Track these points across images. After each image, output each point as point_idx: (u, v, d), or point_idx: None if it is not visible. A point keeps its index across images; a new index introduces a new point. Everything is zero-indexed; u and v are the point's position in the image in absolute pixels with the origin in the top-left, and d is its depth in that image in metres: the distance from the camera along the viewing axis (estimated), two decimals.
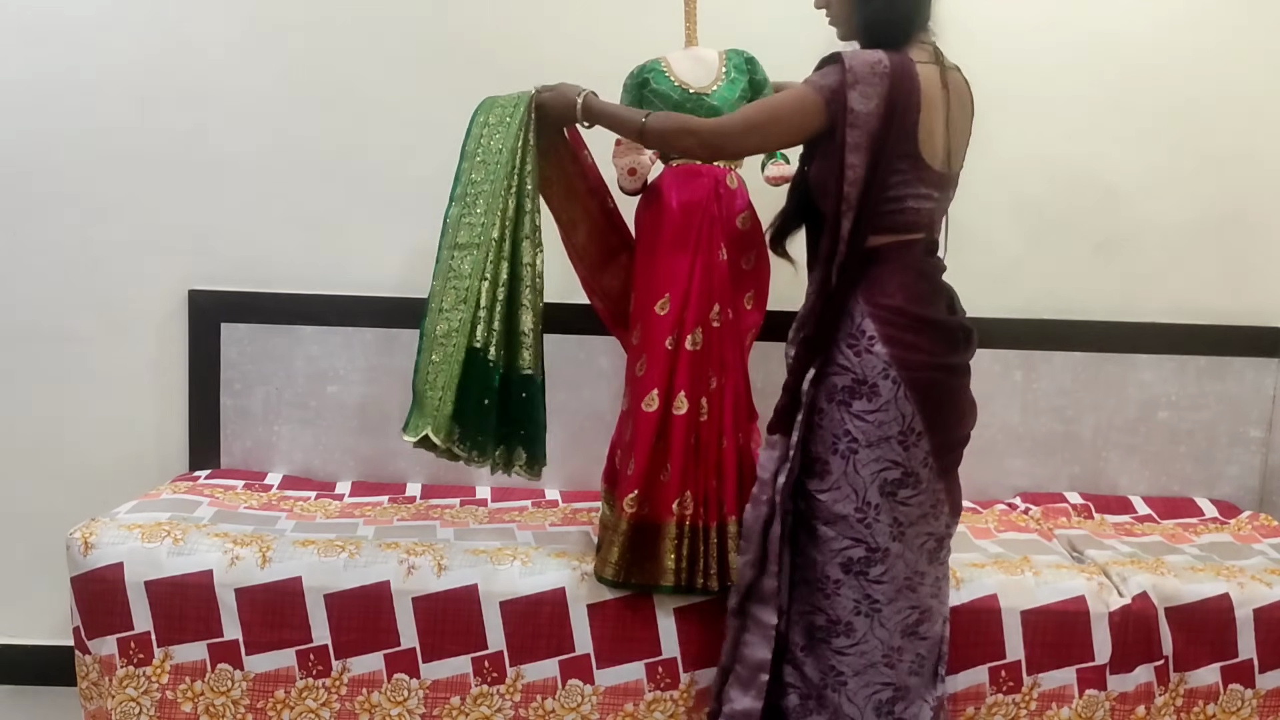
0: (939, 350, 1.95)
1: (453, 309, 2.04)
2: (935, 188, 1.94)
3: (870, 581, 1.94)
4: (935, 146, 1.91)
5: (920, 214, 1.94)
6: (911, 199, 1.92)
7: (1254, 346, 2.79)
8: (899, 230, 1.93)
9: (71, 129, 2.68)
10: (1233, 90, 2.75)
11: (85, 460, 2.76)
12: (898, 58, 1.88)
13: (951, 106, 1.93)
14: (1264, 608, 2.19)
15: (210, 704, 2.13)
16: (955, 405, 2.00)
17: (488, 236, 2.04)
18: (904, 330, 1.92)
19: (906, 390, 1.90)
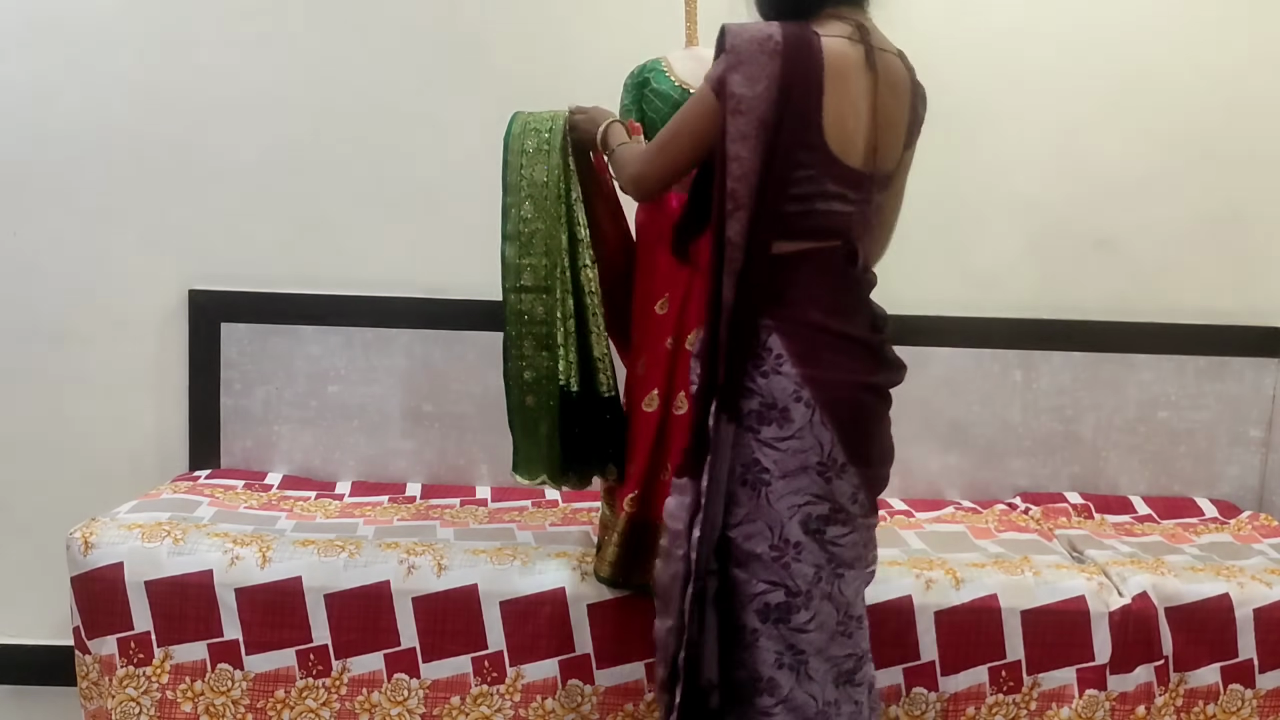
0: (860, 370, 1.71)
1: (535, 354, 2.05)
2: (852, 188, 1.67)
3: (793, 630, 1.66)
4: (850, 139, 1.64)
5: (834, 217, 1.67)
6: (820, 199, 1.65)
7: (1254, 346, 2.79)
8: (810, 236, 1.67)
9: (71, 129, 2.68)
10: (1233, 90, 2.75)
11: (85, 460, 2.76)
12: (796, 31, 1.61)
13: (880, 94, 1.67)
14: (1264, 608, 2.19)
15: (210, 704, 2.13)
16: (881, 435, 1.75)
17: (553, 278, 2.03)
18: (818, 348, 1.67)
19: (823, 415, 1.64)
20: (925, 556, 2.29)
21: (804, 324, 1.67)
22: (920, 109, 1.79)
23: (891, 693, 2.16)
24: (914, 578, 2.17)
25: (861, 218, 1.72)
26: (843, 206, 1.68)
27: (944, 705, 2.16)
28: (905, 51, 1.78)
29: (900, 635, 2.14)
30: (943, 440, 2.80)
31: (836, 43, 1.63)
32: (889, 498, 2.77)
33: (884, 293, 2.72)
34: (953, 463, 2.81)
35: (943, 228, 2.77)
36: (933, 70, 2.70)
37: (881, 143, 1.69)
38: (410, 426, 2.73)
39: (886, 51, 1.71)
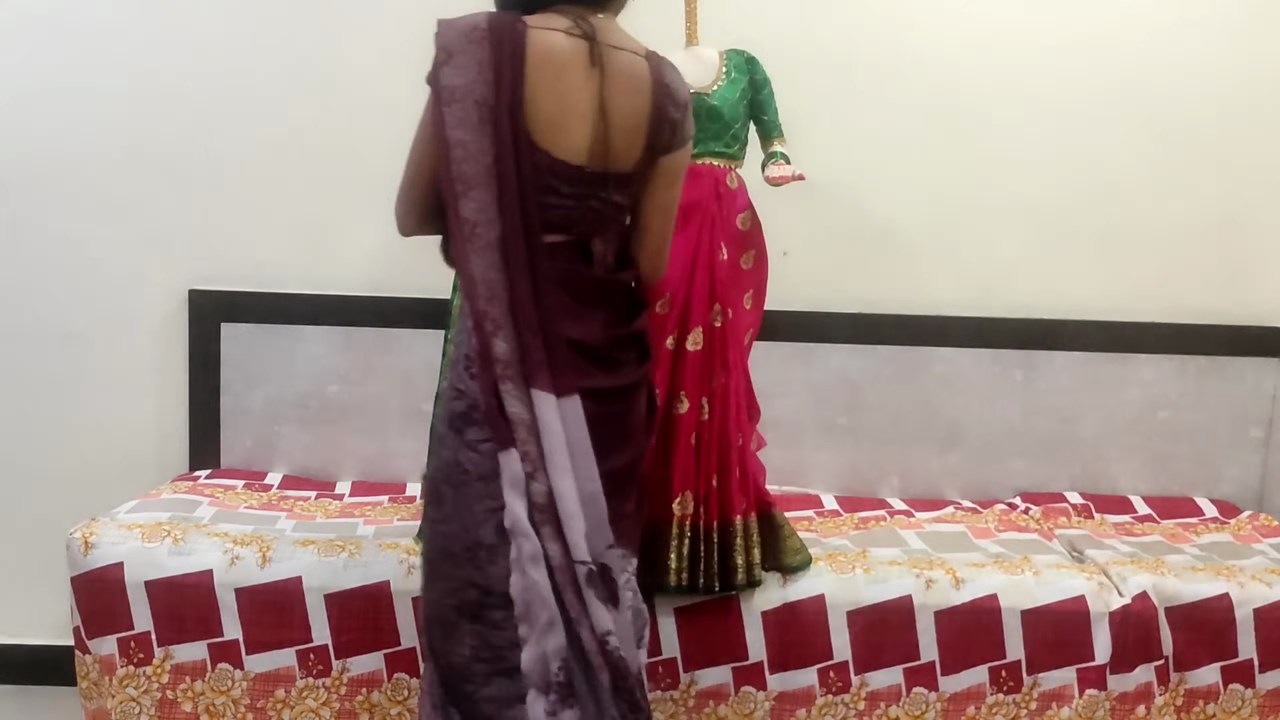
0: (571, 375, 1.64)
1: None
2: (568, 182, 1.63)
3: (489, 627, 1.64)
4: (560, 132, 1.61)
5: (552, 210, 1.63)
6: (542, 190, 1.62)
7: (1254, 346, 2.79)
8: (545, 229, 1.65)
9: (72, 129, 2.68)
10: (1233, 90, 2.75)
11: (85, 460, 2.76)
12: (501, 19, 1.61)
13: (608, 92, 1.62)
14: (1264, 608, 2.19)
15: (210, 704, 2.13)
16: (597, 439, 1.65)
17: None
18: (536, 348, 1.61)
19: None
20: (925, 556, 2.29)
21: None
22: (672, 111, 1.68)
23: (892, 693, 2.16)
24: (914, 577, 2.17)
25: (589, 214, 1.67)
26: (558, 200, 1.64)
27: (944, 705, 2.16)
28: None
29: (900, 635, 2.15)
30: (943, 440, 2.80)
31: (547, 35, 1.61)
32: (889, 497, 2.77)
33: (884, 292, 2.77)
34: (953, 463, 2.81)
35: (943, 228, 2.78)
36: (933, 71, 2.73)
37: (613, 141, 1.64)
38: (410, 426, 2.73)
39: (623, 50, 1.66)
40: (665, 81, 1.68)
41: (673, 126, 1.70)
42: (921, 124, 2.74)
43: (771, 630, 2.14)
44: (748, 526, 2.14)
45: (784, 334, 2.70)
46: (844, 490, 2.79)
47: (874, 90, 2.72)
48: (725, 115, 2.18)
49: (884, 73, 2.71)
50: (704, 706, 2.15)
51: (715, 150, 2.18)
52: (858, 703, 2.16)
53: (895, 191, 2.76)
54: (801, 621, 2.14)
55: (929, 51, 2.72)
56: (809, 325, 2.74)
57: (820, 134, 2.54)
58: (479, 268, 1.59)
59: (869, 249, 2.78)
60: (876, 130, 2.73)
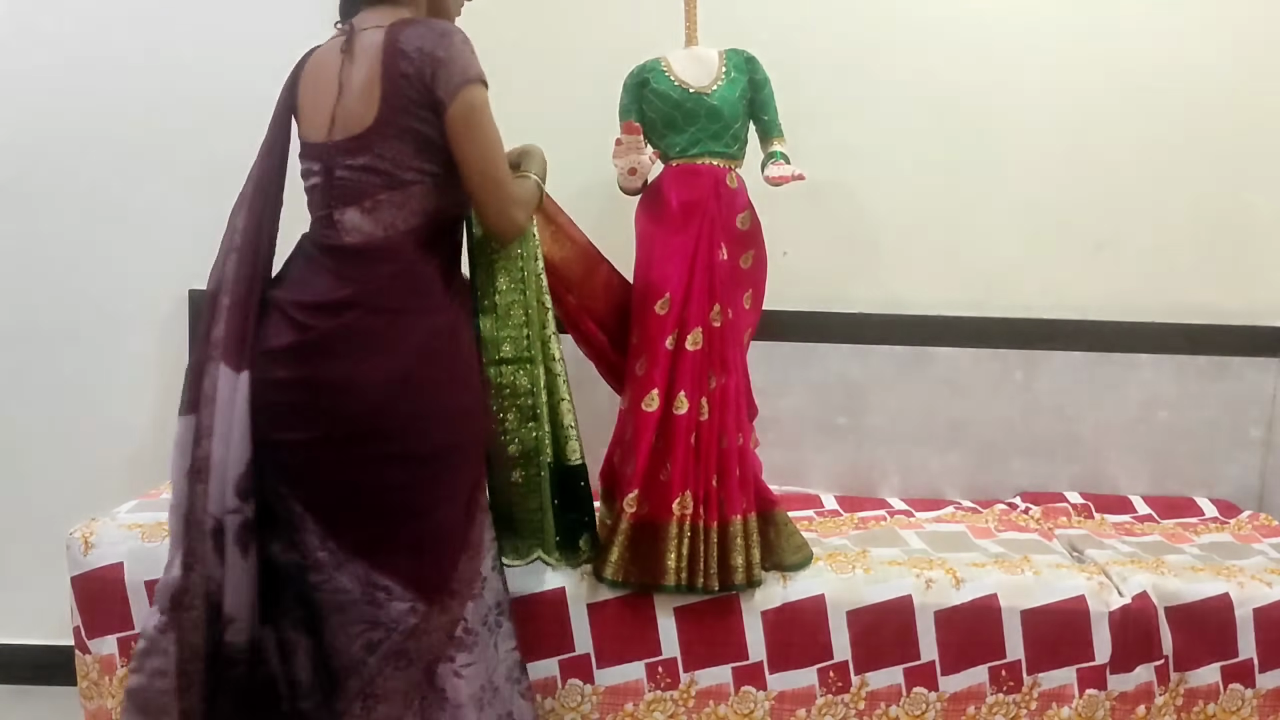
0: (265, 344, 1.76)
1: (520, 427, 2.02)
2: (315, 160, 1.80)
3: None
4: (314, 119, 1.80)
5: (310, 193, 1.84)
6: (304, 179, 1.85)
7: (1254, 346, 2.79)
8: (310, 210, 1.87)
9: (72, 129, 2.68)
10: (1233, 90, 2.75)
11: (85, 460, 2.76)
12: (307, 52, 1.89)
13: (346, 68, 1.76)
14: (1264, 607, 2.19)
15: None
16: (286, 415, 1.73)
17: (534, 348, 2.02)
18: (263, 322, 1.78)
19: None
20: (925, 556, 2.29)
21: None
22: (404, 65, 1.71)
23: (892, 692, 2.16)
24: (914, 577, 2.17)
25: (338, 185, 1.77)
26: (313, 180, 1.82)
27: (944, 705, 2.16)
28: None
29: (900, 635, 2.14)
30: (943, 440, 2.80)
31: (318, 49, 1.85)
32: (889, 497, 2.77)
33: (884, 292, 2.77)
34: (953, 462, 2.81)
35: (943, 228, 2.78)
36: (934, 71, 2.73)
37: (340, 110, 1.76)
38: None
39: (372, 29, 1.76)
40: (396, 42, 1.72)
41: (404, 78, 1.71)
42: (922, 124, 2.74)
43: (771, 630, 2.14)
44: (747, 526, 2.14)
45: (784, 334, 2.70)
46: (844, 490, 2.79)
47: (874, 90, 2.72)
48: (725, 115, 2.18)
49: (884, 73, 2.72)
50: (704, 706, 2.15)
51: (715, 150, 2.19)
52: (858, 702, 2.16)
53: (895, 191, 2.76)
54: (801, 621, 2.14)
55: (929, 52, 2.72)
56: (809, 325, 2.74)
57: (820, 134, 2.54)
58: (226, 250, 1.87)
59: (869, 249, 2.78)
60: (877, 130, 2.73)
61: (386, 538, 1.75)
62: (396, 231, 1.75)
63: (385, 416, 1.73)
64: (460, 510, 1.82)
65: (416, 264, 1.77)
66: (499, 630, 1.94)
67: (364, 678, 1.75)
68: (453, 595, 1.81)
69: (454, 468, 1.81)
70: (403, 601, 1.74)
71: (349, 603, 1.74)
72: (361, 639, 1.75)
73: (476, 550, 1.86)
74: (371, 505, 1.74)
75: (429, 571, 1.77)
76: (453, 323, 1.83)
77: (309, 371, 1.73)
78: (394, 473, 1.74)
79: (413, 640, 1.77)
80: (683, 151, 2.20)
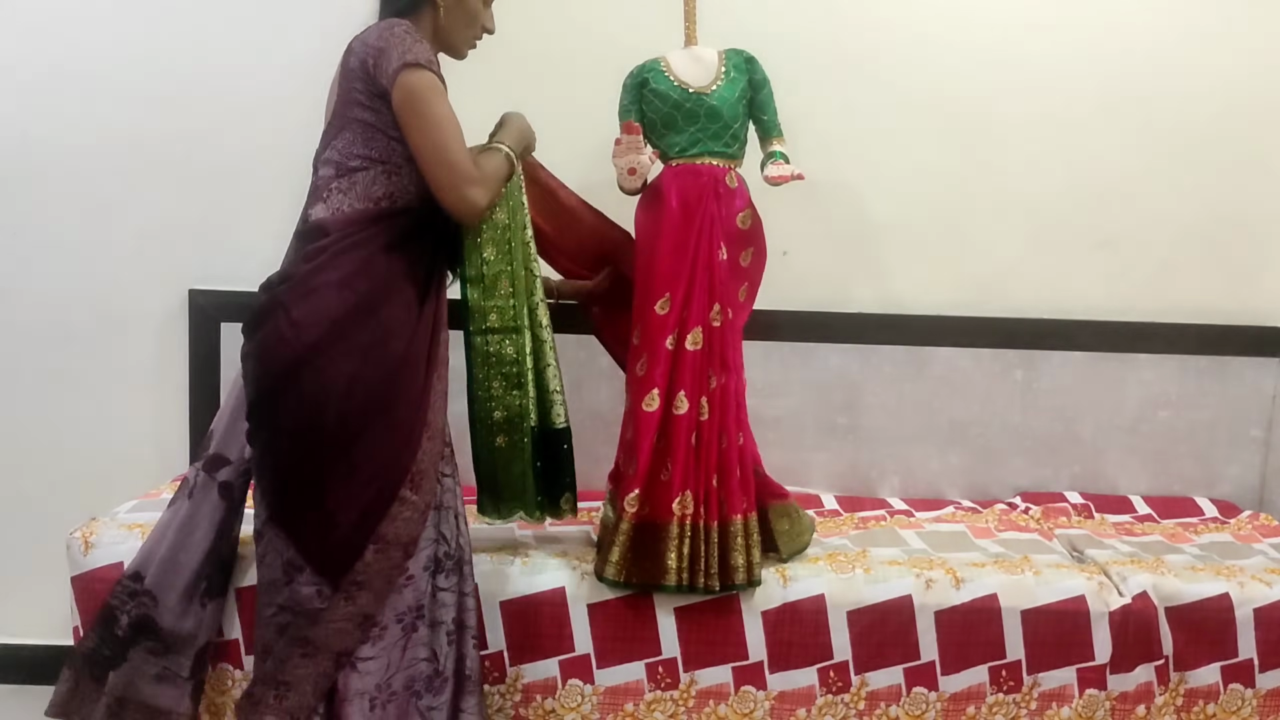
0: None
1: (505, 394, 2.04)
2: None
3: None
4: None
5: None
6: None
7: (1254, 346, 2.79)
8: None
9: (72, 129, 2.68)
10: (1233, 90, 2.75)
11: (85, 460, 2.76)
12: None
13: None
14: (1264, 607, 2.19)
15: (211, 703, 2.13)
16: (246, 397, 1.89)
17: (521, 317, 2.03)
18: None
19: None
20: (925, 556, 2.29)
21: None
22: (351, 60, 1.85)
23: (892, 692, 2.16)
24: (914, 577, 2.17)
25: (316, 183, 1.89)
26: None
27: (944, 705, 2.16)
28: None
29: (900, 635, 2.14)
30: (943, 440, 2.80)
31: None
32: (889, 497, 2.77)
33: (884, 292, 2.77)
34: (953, 462, 2.81)
35: (943, 228, 2.78)
36: (933, 71, 2.73)
37: (327, 109, 1.90)
38: None
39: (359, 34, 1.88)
40: (351, 42, 1.86)
41: (357, 72, 1.82)
42: (922, 124, 2.74)
43: (771, 630, 2.14)
44: (748, 526, 2.14)
45: (784, 334, 2.70)
46: (844, 490, 2.79)
47: (874, 90, 2.72)
48: (724, 115, 2.18)
49: (884, 73, 2.72)
50: (704, 706, 2.15)
51: (714, 150, 2.19)
52: (858, 702, 2.16)
53: (895, 191, 2.76)
54: (801, 621, 2.14)
55: (929, 52, 2.72)
56: (809, 325, 2.74)
57: (820, 134, 2.54)
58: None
59: (869, 249, 2.78)
60: (876, 130, 2.73)
61: (295, 515, 1.80)
62: (341, 214, 1.83)
63: (281, 388, 1.78)
64: (366, 499, 1.81)
65: (352, 246, 1.82)
66: (413, 634, 1.89)
67: (276, 660, 1.81)
68: (360, 586, 1.81)
69: (357, 452, 1.80)
70: (310, 586, 1.80)
71: (269, 581, 1.83)
72: (274, 622, 1.82)
73: (394, 546, 1.84)
74: (278, 480, 1.81)
75: (333, 555, 1.80)
76: (374, 303, 1.82)
77: (247, 339, 1.85)
78: (290, 448, 1.79)
79: (318, 628, 1.80)
80: (682, 151, 2.20)
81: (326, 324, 1.78)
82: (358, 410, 1.80)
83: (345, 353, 1.79)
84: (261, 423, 1.81)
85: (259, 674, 1.86)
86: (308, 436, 1.79)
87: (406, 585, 1.87)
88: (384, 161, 1.83)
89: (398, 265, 1.86)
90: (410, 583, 1.88)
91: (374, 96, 1.80)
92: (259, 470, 1.85)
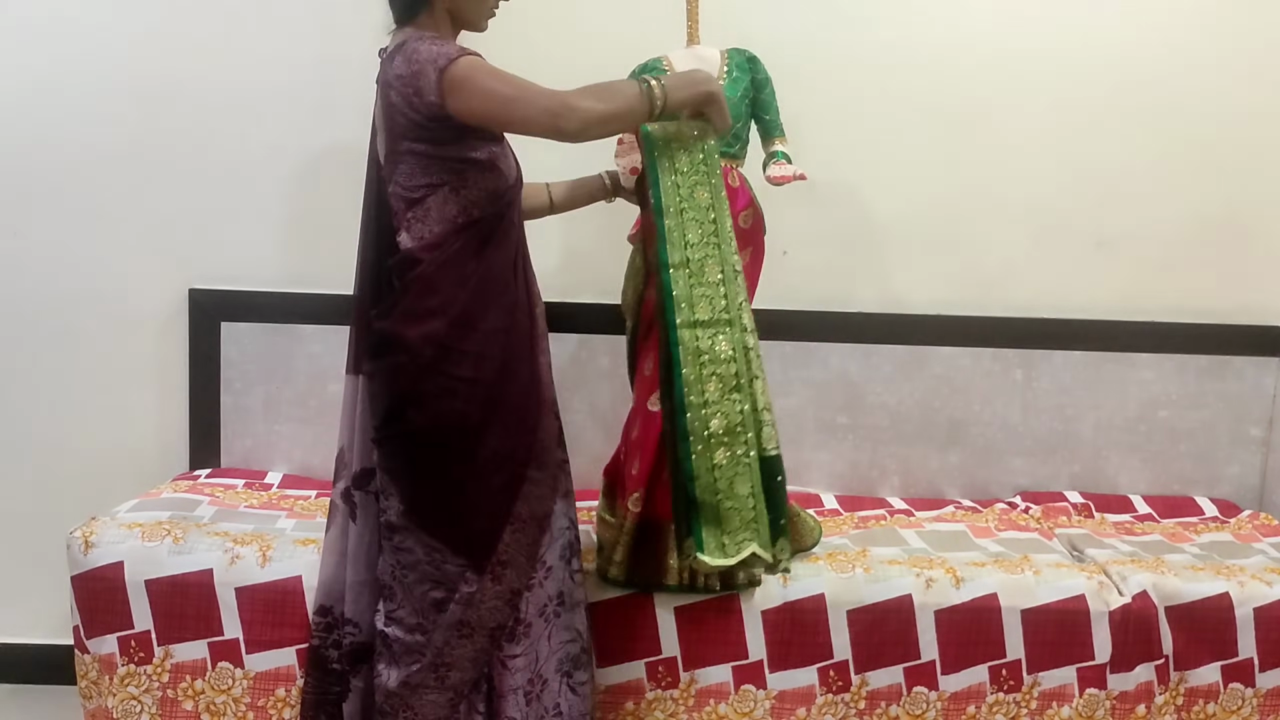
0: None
1: (723, 399, 1.80)
2: (378, 182, 1.94)
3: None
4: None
5: (383, 214, 1.95)
6: (375, 203, 1.98)
7: (1254, 346, 2.79)
8: None
9: (71, 129, 2.68)
10: (1233, 90, 2.75)
11: (86, 459, 2.76)
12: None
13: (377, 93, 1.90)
14: (1264, 607, 2.19)
15: (211, 702, 2.13)
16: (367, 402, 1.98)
17: (734, 308, 1.83)
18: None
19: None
20: (925, 555, 2.29)
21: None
22: (392, 95, 1.83)
23: (892, 692, 2.16)
24: (914, 577, 2.17)
25: (388, 206, 1.92)
26: (383, 200, 1.93)
27: (944, 704, 2.16)
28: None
29: (900, 634, 2.15)
30: (943, 439, 2.80)
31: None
32: (889, 497, 2.77)
33: (884, 292, 2.77)
34: (953, 462, 2.81)
35: (943, 228, 2.78)
36: (933, 71, 2.73)
37: (376, 135, 1.91)
38: None
39: (385, 53, 1.89)
40: (385, 78, 1.85)
41: (393, 109, 1.83)
42: (922, 124, 2.74)
43: (771, 629, 2.14)
44: None
45: (784, 334, 2.70)
46: (844, 489, 2.79)
47: (874, 90, 2.72)
48: None
49: (884, 73, 2.72)
50: (704, 705, 2.15)
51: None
52: (858, 702, 2.16)
53: (895, 191, 2.76)
54: (801, 620, 2.14)
55: (929, 52, 2.72)
56: (809, 325, 2.74)
57: (821, 134, 2.54)
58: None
59: (869, 249, 2.78)
60: (877, 130, 2.73)
61: (434, 505, 1.90)
62: (425, 241, 1.87)
63: (407, 404, 1.88)
64: (498, 485, 1.91)
65: (443, 266, 1.87)
66: (555, 621, 1.98)
67: (434, 647, 1.90)
68: (505, 565, 1.91)
69: (483, 446, 1.89)
70: (453, 565, 1.89)
71: (414, 562, 1.90)
72: (429, 597, 1.90)
73: (530, 522, 1.94)
74: (416, 475, 1.90)
75: (474, 538, 1.90)
76: (475, 314, 1.88)
77: (368, 367, 1.94)
78: (421, 454, 1.89)
79: (472, 610, 1.90)
80: None
81: (437, 345, 1.86)
82: (478, 409, 1.88)
83: (458, 363, 1.87)
84: (393, 432, 1.90)
85: (420, 659, 1.91)
86: (436, 440, 1.88)
87: (546, 578, 1.96)
88: (446, 183, 1.86)
89: (488, 268, 1.91)
90: (550, 574, 1.97)
91: (428, 120, 1.81)
92: (392, 474, 1.92)
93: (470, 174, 1.86)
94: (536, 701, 1.96)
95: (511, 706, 1.93)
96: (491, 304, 1.90)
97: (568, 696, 1.99)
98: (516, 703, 1.93)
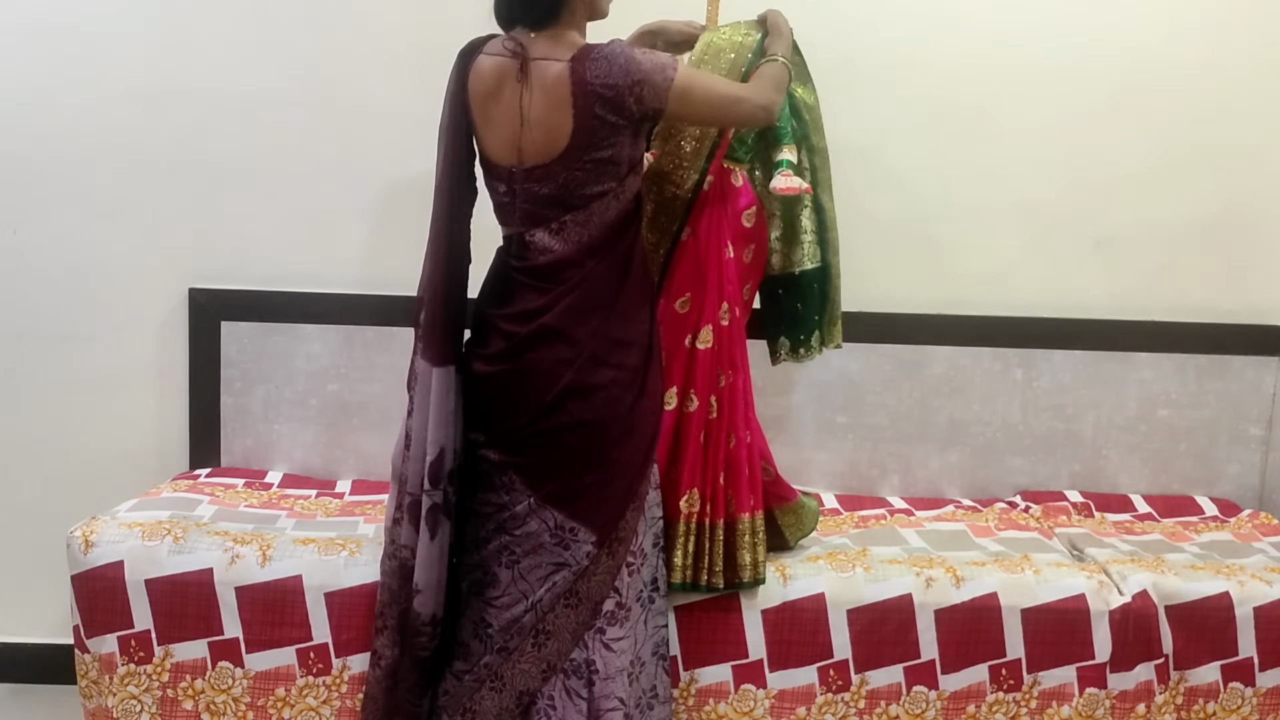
0: (481, 349, 2.03)
1: (836, 252, 2.35)
2: (501, 181, 1.97)
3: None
4: (502, 139, 1.93)
5: (498, 209, 2.01)
6: (490, 193, 2.01)
7: (1254, 345, 2.79)
8: (501, 225, 2.03)
9: (72, 129, 2.68)
10: (1233, 89, 2.75)
11: (85, 459, 2.76)
12: (468, 50, 1.97)
13: (528, 99, 1.90)
14: (1264, 606, 2.19)
15: (211, 702, 2.13)
16: (496, 400, 2.02)
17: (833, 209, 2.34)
18: (474, 329, 2.06)
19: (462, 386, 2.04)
20: (925, 555, 2.29)
21: (475, 308, 2.07)
22: (597, 106, 1.87)
23: (892, 691, 2.16)
24: (914, 576, 2.17)
25: (511, 209, 1.98)
26: (499, 199, 1.99)
27: (944, 703, 2.17)
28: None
29: (900, 633, 2.15)
30: (943, 439, 2.80)
31: (487, 60, 1.93)
32: (889, 496, 2.77)
33: (885, 292, 2.77)
34: (953, 461, 2.81)
35: (943, 227, 2.78)
36: (934, 70, 2.73)
37: (525, 140, 1.91)
38: None
39: (549, 60, 1.89)
40: (585, 82, 1.86)
41: (608, 117, 1.87)
42: (921, 123, 2.74)
43: (771, 628, 2.14)
44: (754, 524, 2.14)
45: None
46: (844, 489, 2.79)
47: (874, 90, 2.72)
48: None
49: (884, 72, 2.71)
50: (704, 704, 2.16)
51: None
52: (858, 701, 2.16)
53: (895, 191, 2.76)
54: (801, 620, 2.14)
55: (929, 51, 2.72)
56: None
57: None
58: (427, 257, 2.04)
59: (869, 249, 2.77)
60: (876, 129, 2.73)
61: (579, 489, 1.98)
62: (580, 246, 1.95)
63: (570, 391, 1.95)
64: (636, 465, 2.01)
65: (597, 269, 1.96)
66: (650, 606, 2.07)
67: (538, 614, 1.98)
68: (619, 541, 2.00)
69: (631, 428, 2.00)
70: (587, 543, 1.97)
71: (539, 545, 1.97)
72: (548, 579, 1.97)
73: (642, 504, 2.03)
74: (565, 463, 1.98)
75: (606, 515, 1.99)
76: (626, 308, 2.00)
77: (512, 365, 1.98)
78: (581, 435, 1.97)
79: (583, 581, 1.98)
80: None
81: (602, 338, 1.96)
82: (634, 395, 1.99)
83: (622, 353, 1.99)
84: (559, 423, 1.97)
85: (520, 627, 1.98)
86: (596, 424, 1.97)
87: (642, 564, 2.05)
88: (611, 191, 1.93)
89: (637, 262, 2.03)
90: (645, 561, 2.05)
91: (625, 126, 1.89)
92: (529, 468, 1.98)
93: (630, 179, 1.95)
94: (636, 683, 2.04)
95: (619, 687, 1.99)
96: (642, 295, 2.03)
97: (662, 678, 2.09)
98: (623, 683, 2.00)
